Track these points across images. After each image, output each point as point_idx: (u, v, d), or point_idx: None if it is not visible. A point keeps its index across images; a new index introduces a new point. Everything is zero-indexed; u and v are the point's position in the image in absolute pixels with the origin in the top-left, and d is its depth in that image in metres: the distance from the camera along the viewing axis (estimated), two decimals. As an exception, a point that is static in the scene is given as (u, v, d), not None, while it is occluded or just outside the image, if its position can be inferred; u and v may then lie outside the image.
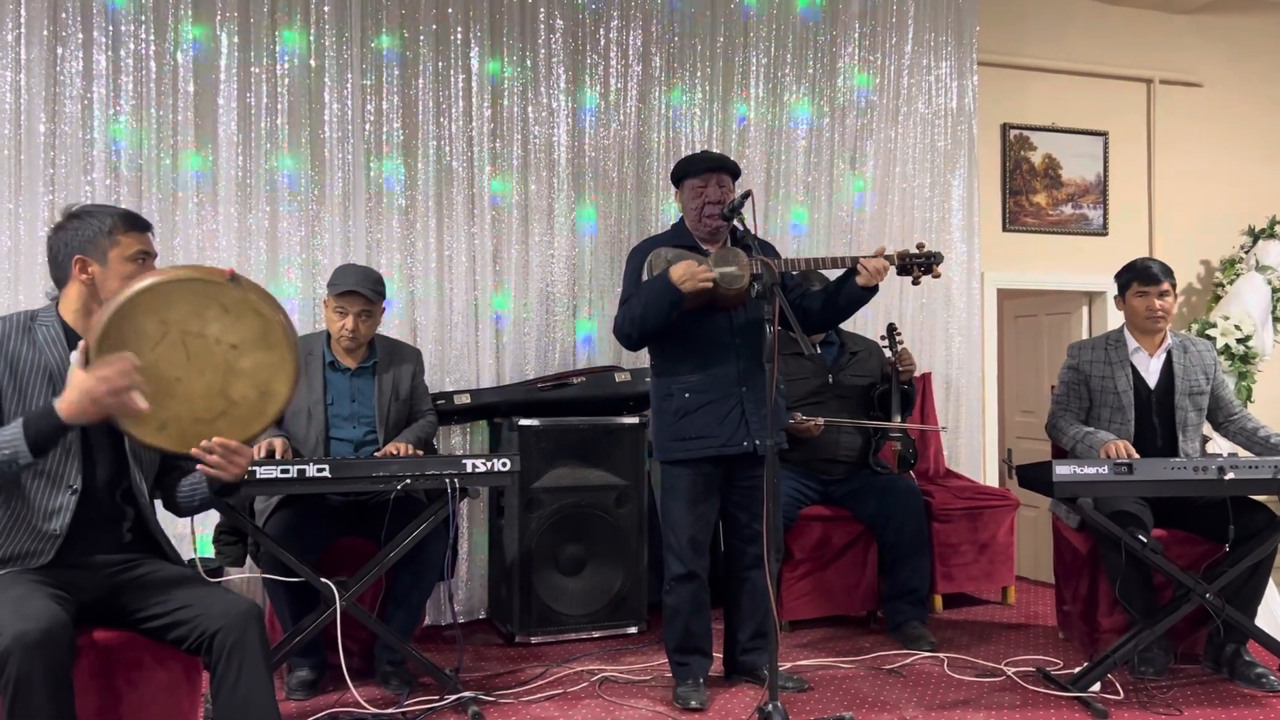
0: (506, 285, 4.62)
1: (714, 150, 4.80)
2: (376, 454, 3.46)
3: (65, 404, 2.15)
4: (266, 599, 3.46)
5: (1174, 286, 3.71)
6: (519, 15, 4.64)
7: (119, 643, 2.35)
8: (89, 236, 2.35)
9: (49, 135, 4.02)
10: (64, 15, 4.03)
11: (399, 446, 3.45)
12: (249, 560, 3.65)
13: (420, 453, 3.50)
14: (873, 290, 3.29)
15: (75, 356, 2.19)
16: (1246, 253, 5.90)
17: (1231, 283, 5.85)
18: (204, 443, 2.26)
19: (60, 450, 2.30)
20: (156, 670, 2.38)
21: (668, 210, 4.80)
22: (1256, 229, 5.92)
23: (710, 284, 3.18)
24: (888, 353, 4.41)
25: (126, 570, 2.40)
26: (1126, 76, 5.97)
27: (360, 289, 3.55)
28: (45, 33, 3.99)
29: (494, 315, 4.60)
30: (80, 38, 4.05)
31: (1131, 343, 3.75)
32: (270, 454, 3.32)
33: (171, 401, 2.22)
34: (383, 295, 3.66)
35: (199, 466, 2.30)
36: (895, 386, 4.31)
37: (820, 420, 4.14)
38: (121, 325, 2.17)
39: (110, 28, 4.09)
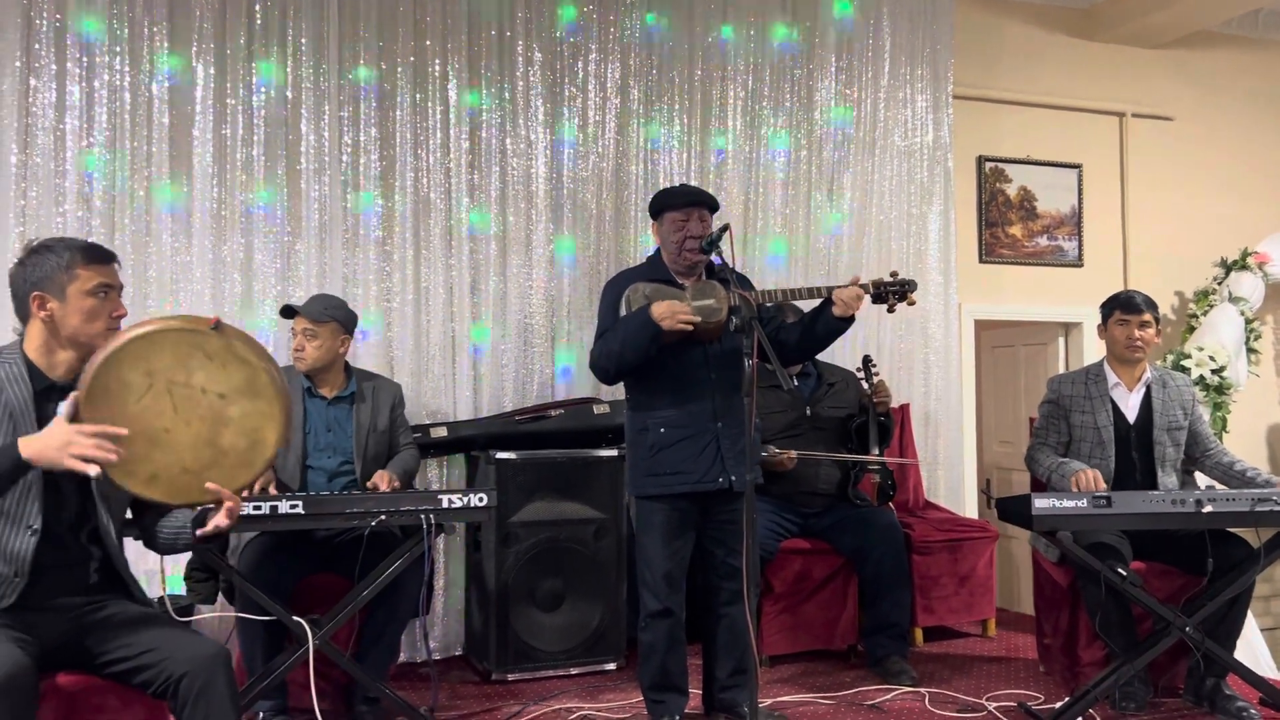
0: (484, 317, 4.59)
1: (692, 183, 4.82)
2: (368, 485, 3.43)
3: (31, 445, 2.10)
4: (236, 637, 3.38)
5: (1157, 321, 3.73)
6: (497, 47, 4.65)
7: (83, 687, 2.29)
8: (47, 273, 2.31)
9: (20, 166, 3.97)
10: (37, 46, 4.00)
11: (384, 478, 3.42)
12: (220, 598, 3.59)
13: (400, 485, 3.46)
14: (849, 320, 3.29)
15: (64, 408, 2.14)
16: (1219, 284, 5.96)
17: (1205, 314, 5.90)
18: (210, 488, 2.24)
19: (20, 490, 2.25)
20: (122, 714, 2.32)
21: (646, 242, 4.80)
22: (1229, 260, 5.97)
23: (691, 327, 3.16)
24: (864, 384, 4.41)
25: (92, 612, 2.35)
26: (1100, 110, 6.04)
27: (300, 309, 3.55)
28: (18, 64, 3.96)
29: (471, 347, 4.56)
30: (54, 69, 4.02)
31: (1111, 377, 3.77)
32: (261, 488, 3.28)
33: (159, 453, 2.19)
34: (335, 319, 3.58)
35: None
36: (872, 418, 4.31)
37: (793, 453, 4.12)
38: (107, 378, 2.14)
39: (84, 59, 4.06)
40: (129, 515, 2.52)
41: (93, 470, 2.09)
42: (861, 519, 4.20)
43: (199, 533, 2.37)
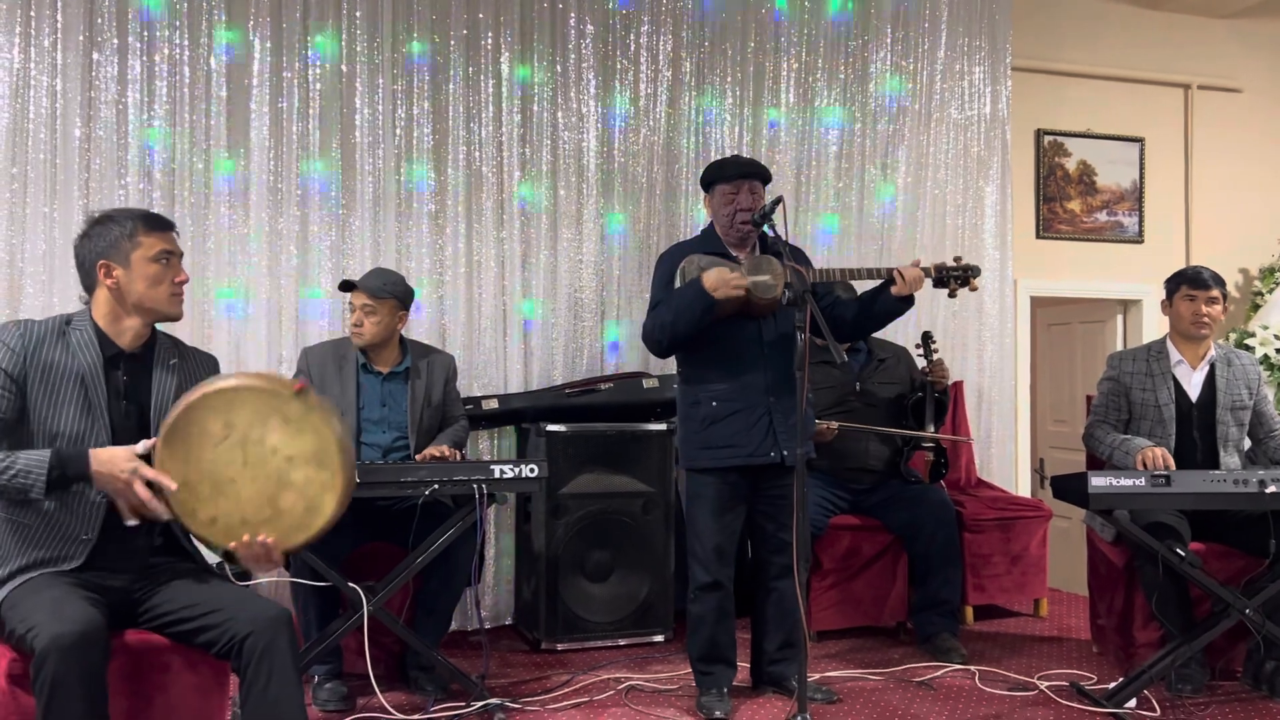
0: (535, 291, 4.62)
1: (744, 156, 4.78)
2: (418, 458, 3.47)
3: (99, 467, 2.20)
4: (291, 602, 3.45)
5: (1224, 298, 3.64)
6: (549, 20, 4.64)
7: (150, 646, 2.36)
8: (111, 241, 2.37)
9: (84, 140, 4.05)
10: (99, 21, 4.07)
11: (442, 449, 3.47)
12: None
13: (463, 454, 3.52)
14: (908, 302, 3.26)
15: (141, 445, 2.24)
16: (1286, 261, 5.81)
17: (1271, 291, 5.75)
18: (246, 538, 2.26)
19: None
20: (186, 674, 2.39)
21: (697, 216, 4.78)
22: (1297, 237, 5.82)
23: (743, 292, 3.15)
24: (922, 361, 4.36)
25: (157, 573, 2.41)
26: (1163, 82, 5.88)
27: (360, 283, 3.58)
28: (81, 38, 4.03)
29: (522, 321, 4.59)
30: (115, 43, 4.08)
31: (1174, 354, 3.69)
32: None
33: (223, 500, 2.27)
34: (394, 295, 3.59)
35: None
36: (929, 395, 4.26)
37: (834, 424, 4.09)
38: (189, 420, 2.23)
39: (145, 33, 4.13)
40: None
41: (131, 520, 2.23)
42: (913, 496, 4.17)
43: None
